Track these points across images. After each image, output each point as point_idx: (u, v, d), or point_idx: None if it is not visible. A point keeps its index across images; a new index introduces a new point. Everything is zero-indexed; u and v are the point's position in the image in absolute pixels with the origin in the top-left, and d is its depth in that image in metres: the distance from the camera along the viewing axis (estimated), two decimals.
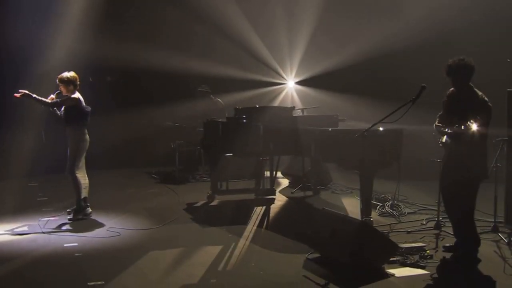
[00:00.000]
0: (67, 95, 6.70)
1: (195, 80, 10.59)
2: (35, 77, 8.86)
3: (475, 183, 5.10)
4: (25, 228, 6.31)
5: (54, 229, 6.31)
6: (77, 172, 6.73)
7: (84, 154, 6.81)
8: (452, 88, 5.25)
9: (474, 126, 4.67)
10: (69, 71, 6.78)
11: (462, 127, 4.74)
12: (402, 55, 9.77)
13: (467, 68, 5.08)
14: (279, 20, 11.59)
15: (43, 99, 6.54)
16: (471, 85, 5.13)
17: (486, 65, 6.07)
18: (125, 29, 10.71)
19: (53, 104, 6.64)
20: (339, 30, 10.74)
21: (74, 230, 6.31)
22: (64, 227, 6.38)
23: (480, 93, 5.08)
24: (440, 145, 5.29)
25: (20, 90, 6.38)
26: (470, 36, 9.03)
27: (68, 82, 6.67)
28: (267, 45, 11.73)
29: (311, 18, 11.06)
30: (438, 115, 5.38)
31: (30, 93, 6.39)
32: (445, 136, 5.14)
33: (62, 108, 6.72)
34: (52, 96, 6.67)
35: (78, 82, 6.78)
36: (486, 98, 5.05)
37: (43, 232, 6.14)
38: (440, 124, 5.27)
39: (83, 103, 6.75)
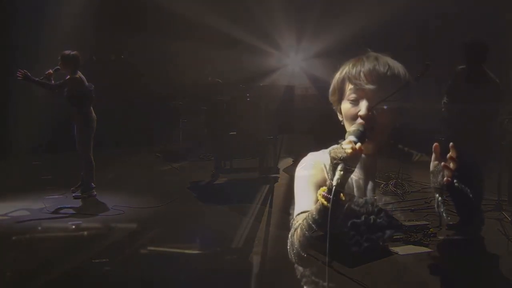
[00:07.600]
0: (66, 74, 6.60)
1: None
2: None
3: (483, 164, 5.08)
4: (30, 206, 6.34)
5: (58, 207, 6.34)
6: (90, 153, 6.70)
7: (93, 134, 6.72)
8: (461, 67, 5.15)
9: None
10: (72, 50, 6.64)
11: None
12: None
13: (483, 47, 5.01)
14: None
15: (45, 82, 6.37)
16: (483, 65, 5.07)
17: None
18: None
19: (55, 87, 6.47)
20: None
21: (79, 208, 6.35)
22: (68, 205, 6.41)
23: (491, 74, 5.00)
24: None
25: (20, 70, 6.26)
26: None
27: (69, 59, 6.48)
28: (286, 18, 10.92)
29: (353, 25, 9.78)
30: (443, 102, 5.30)
31: (30, 76, 6.24)
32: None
33: (65, 89, 6.58)
34: (50, 71, 6.41)
35: (80, 63, 6.59)
36: (497, 80, 4.99)
37: (48, 210, 6.17)
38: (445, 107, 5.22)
39: (86, 82, 6.63)
